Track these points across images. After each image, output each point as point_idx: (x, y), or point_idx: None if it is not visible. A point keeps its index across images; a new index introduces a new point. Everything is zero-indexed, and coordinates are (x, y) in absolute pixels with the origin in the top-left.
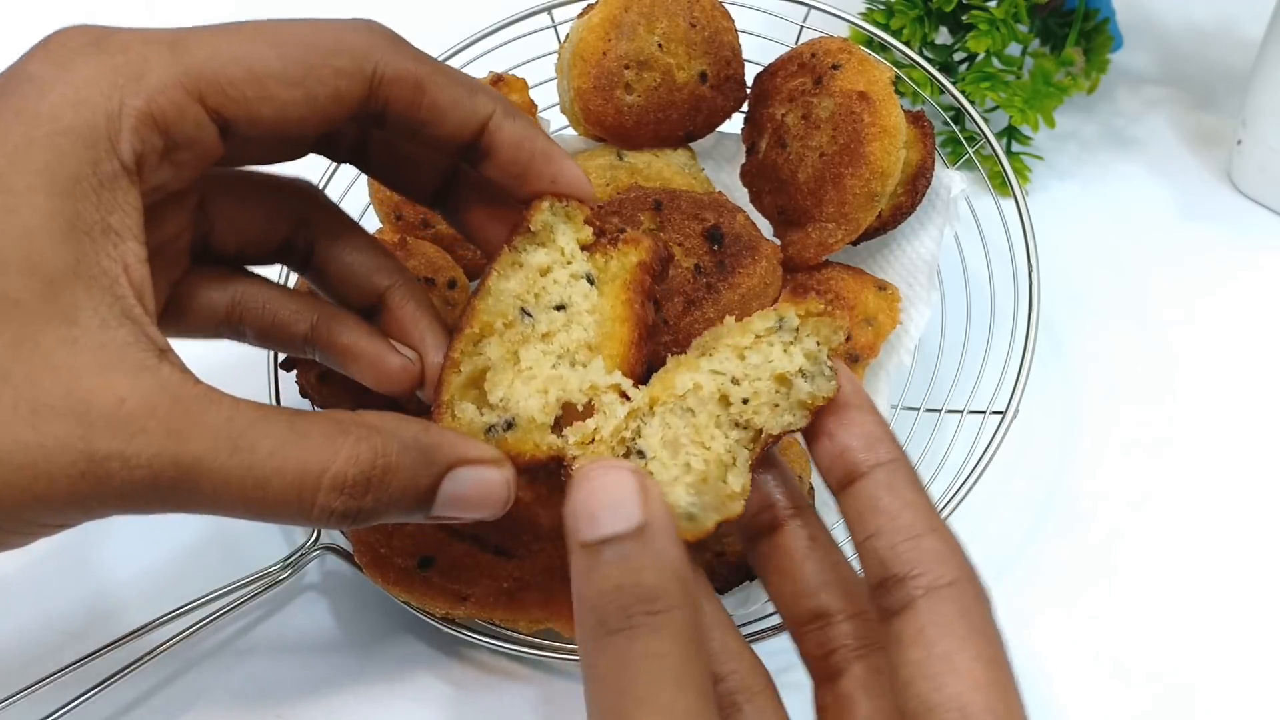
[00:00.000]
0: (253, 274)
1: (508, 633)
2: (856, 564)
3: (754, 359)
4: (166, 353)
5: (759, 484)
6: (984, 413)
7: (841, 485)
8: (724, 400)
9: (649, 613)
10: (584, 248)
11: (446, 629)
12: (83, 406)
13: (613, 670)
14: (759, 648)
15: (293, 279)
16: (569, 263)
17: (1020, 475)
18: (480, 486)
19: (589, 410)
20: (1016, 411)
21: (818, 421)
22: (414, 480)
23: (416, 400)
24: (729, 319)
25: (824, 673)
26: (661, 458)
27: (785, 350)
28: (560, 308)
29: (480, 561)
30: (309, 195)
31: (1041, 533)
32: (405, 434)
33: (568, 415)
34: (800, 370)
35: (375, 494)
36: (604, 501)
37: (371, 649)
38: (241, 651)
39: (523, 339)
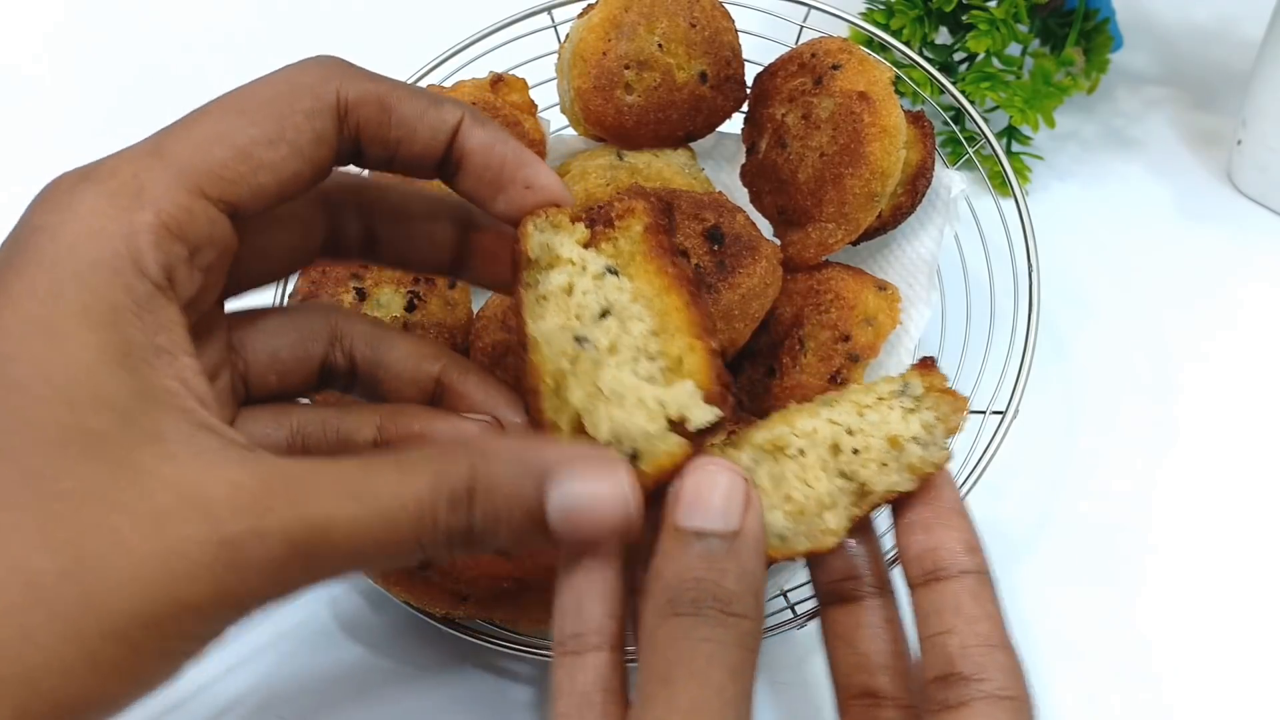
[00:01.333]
0: (304, 401)
1: (508, 633)
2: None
3: (872, 417)
4: (256, 446)
5: (851, 553)
6: (984, 413)
7: (923, 580)
8: (835, 449)
9: (722, 611)
10: (586, 246)
11: (446, 629)
12: (203, 502)
13: (671, 643)
14: None
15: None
16: (584, 269)
17: (1020, 475)
18: (591, 489)
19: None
20: (1016, 411)
21: (915, 513)
22: (517, 488)
23: None
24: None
25: None
26: (765, 487)
27: (904, 416)
28: (605, 314)
29: (480, 561)
30: (332, 311)
31: (1042, 533)
32: (501, 445)
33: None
34: (914, 437)
35: (482, 505)
36: (710, 497)
37: (372, 649)
38: (241, 652)
39: (594, 364)
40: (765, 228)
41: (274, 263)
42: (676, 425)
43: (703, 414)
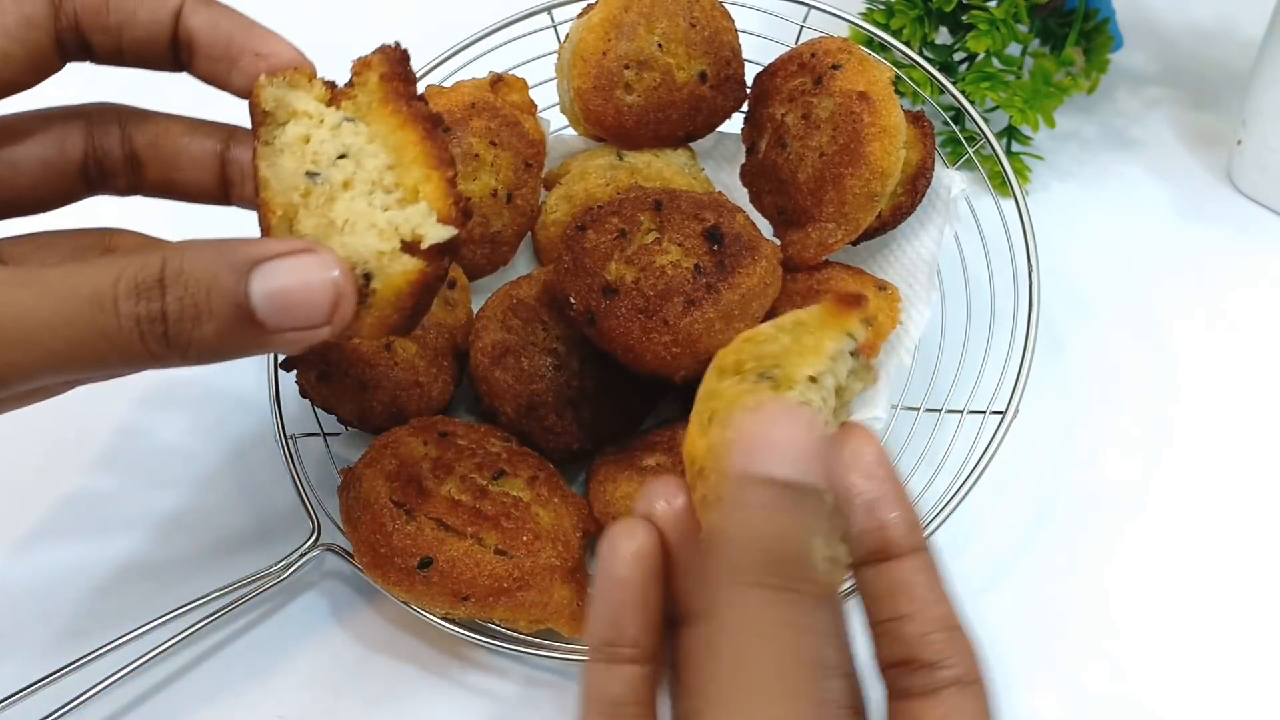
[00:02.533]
0: None
1: (508, 633)
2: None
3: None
4: None
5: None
6: (984, 413)
7: (870, 559)
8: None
9: (808, 579)
10: (327, 104)
11: (446, 629)
12: None
13: (744, 626)
14: None
15: None
16: (321, 121)
17: (1020, 475)
18: (299, 275)
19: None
20: (1016, 411)
21: (856, 489)
22: (214, 278)
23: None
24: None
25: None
26: None
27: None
28: (342, 156)
29: (480, 561)
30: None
31: (1041, 533)
32: (198, 242)
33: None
34: (851, 371)
35: (175, 293)
36: (788, 441)
37: (371, 649)
38: (241, 651)
39: (328, 199)
40: (765, 228)
41: (28, 177)
42: (411, 247)
43: (437, 231)
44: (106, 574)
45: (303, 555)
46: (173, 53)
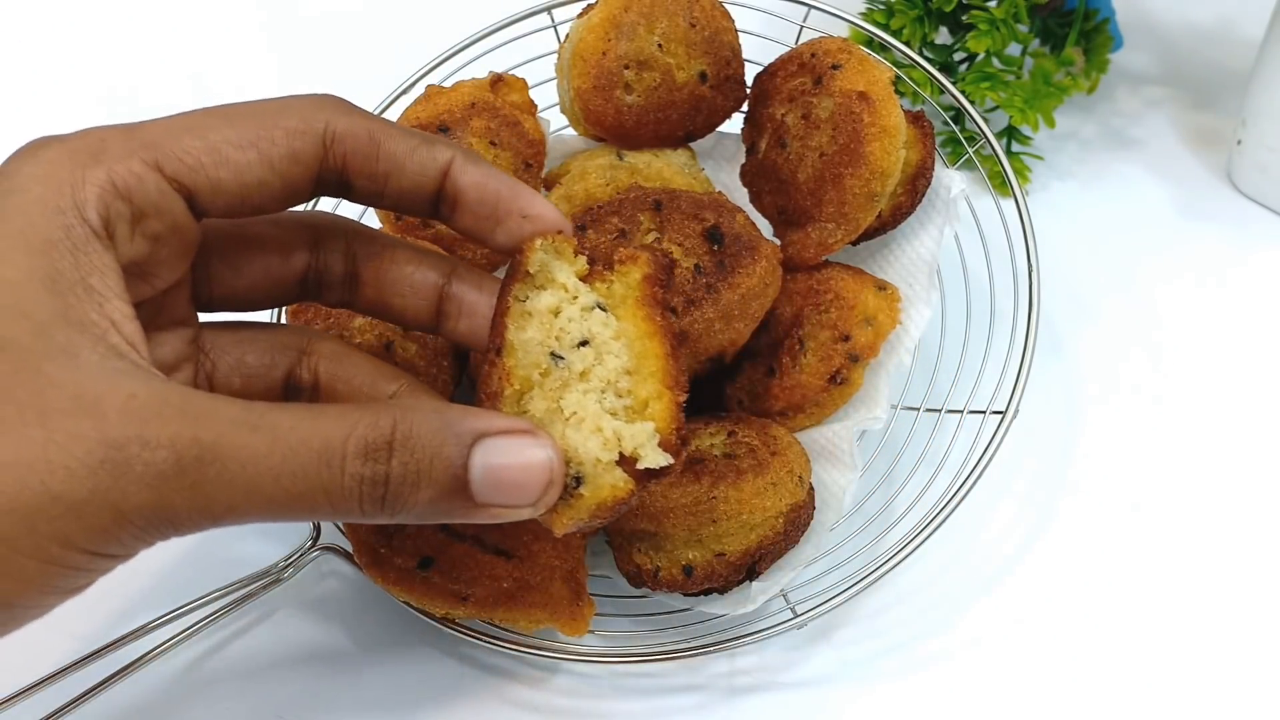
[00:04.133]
0: None
1: (508, 633)
2: None
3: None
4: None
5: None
6: (984, 413)
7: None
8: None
9: None
10: (582, 279)
11: (446, 629)
12: (94, 405)
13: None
14: (744, 655)
15: None
16: (575, 297)
17: (1020, 475)
18: (519, 456)
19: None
20: (1016, 411)
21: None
22: (440, 446)
23: None
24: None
25: None
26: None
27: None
28: (584, 343)
29: (480, 561)
30: (305, 331)
31: (1042, 533)
32: (424, 404)
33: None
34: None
35: (401, 458)
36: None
37: (371, 649)
38: (241, 651)
39: (563, 384)
40: (765, 228)
41: (252, 280)
42: (626, 462)
43: (655, 457)
44: (106, 574)
45: (303, 555)
46: (432, 203)
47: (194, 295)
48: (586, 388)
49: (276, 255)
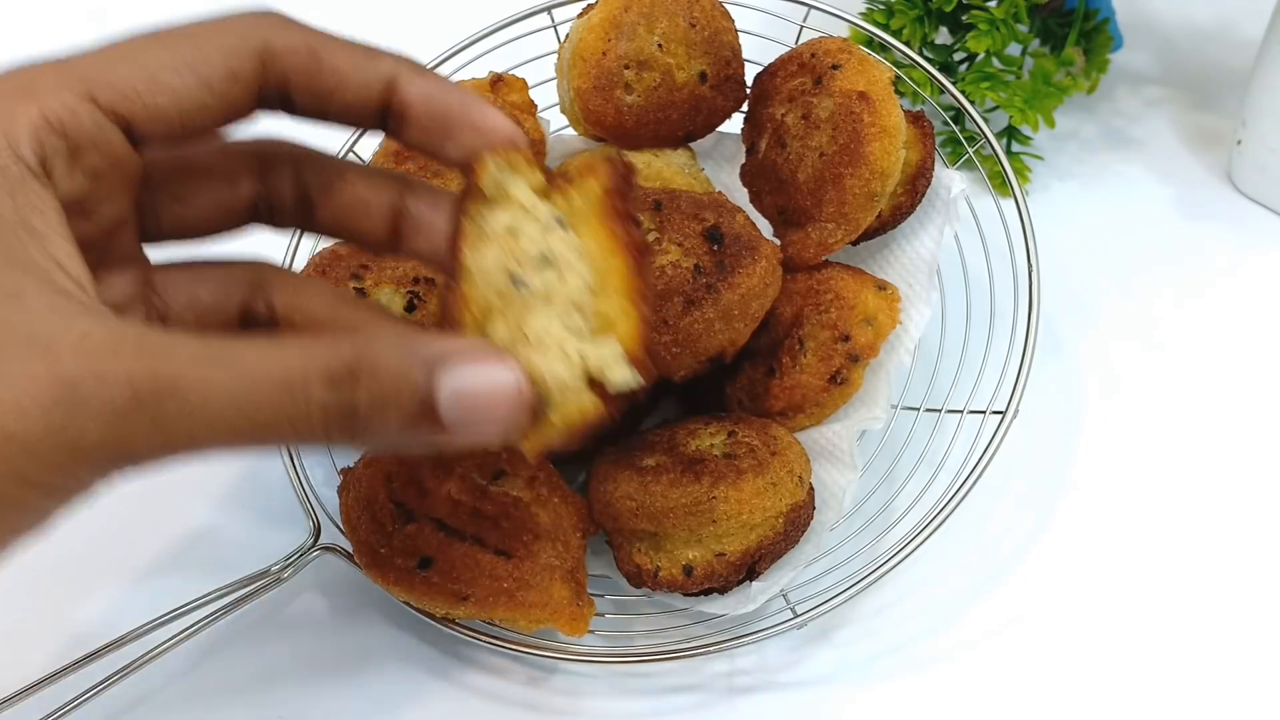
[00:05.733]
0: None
1: (508, 633)
2: None
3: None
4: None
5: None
6: (984, 413)
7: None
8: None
9: None
10: (540, 194)
11: (446, 629)
12: (45, 344)
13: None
14: (744, 655)
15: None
16: (533, 215)
17: (1020, 475)
18: (486, 379)
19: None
20: (1016, 411)
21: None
22: (405, 372)
23: None
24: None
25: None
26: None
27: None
28: (545, 262)
29: (480, 561)
30: (260, 264)
31: (1042, 533)
32: (387, 331)
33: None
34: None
35: (366, 386)
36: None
37: (371, 649)
38: (242, 652)
39: (524, 306)
40: (765, 228)
41: (200, 210)
42: (594, 383)
43: (623, 376)
44: (106, 574)
45: (303, 555)
46: (379, 117)
47: (141, 232)
48: (549, 309)
49: (223, 183)
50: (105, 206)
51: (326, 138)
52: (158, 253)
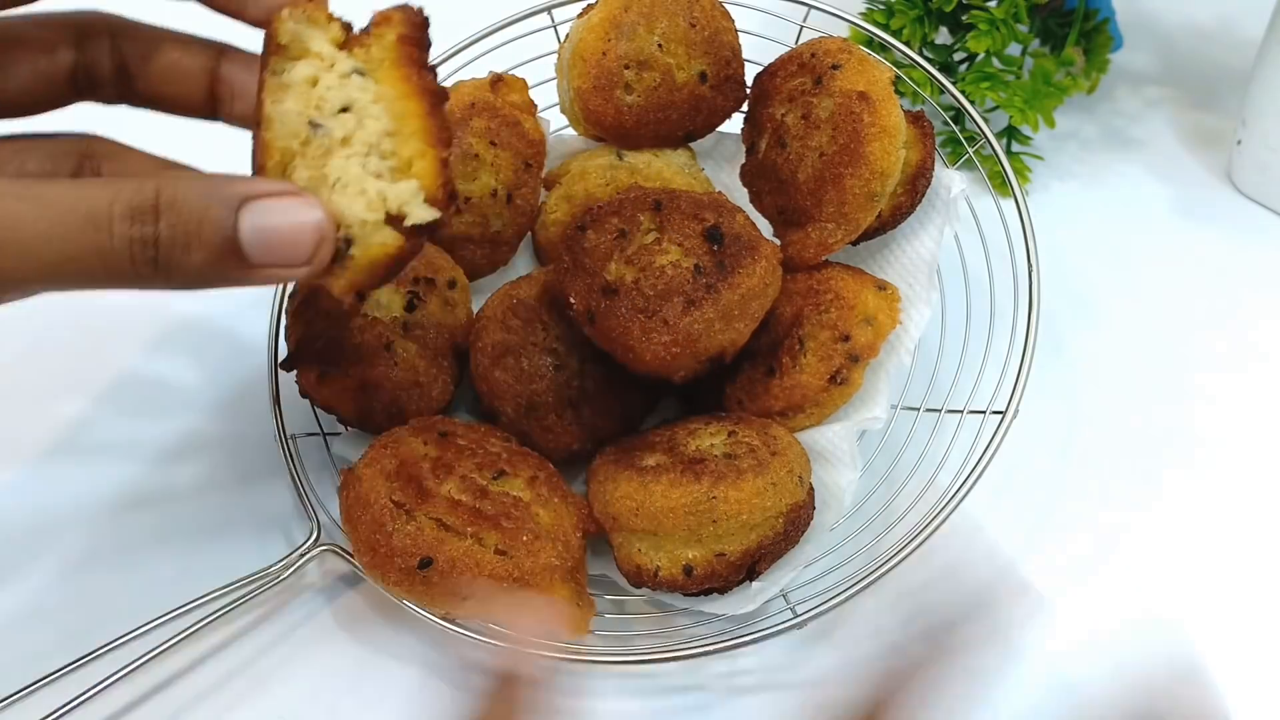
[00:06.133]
0: None
1: (508, 633)
2: None
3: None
4: None
5: None
6: (984, 413)
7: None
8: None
9: None
10: (340, 46)
11: (447, 629)
12: None
13: None
14: (744, 656)
15: None
16: (332, 65)
17: (1020, 475)
18: (287, 216)
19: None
20: (1016, 411)
21: None
22: (206, 209)
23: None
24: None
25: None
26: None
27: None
28: (345, 109)
29: (480, 561)
30: (85, 136)
31: (1042, 533)
32: (191, 173)
33: None
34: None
35: (168, 220)
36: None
37: (371, 649)
38: (241, 651)
39: (325, 151)
40: (765, 228)
41: (21, 83)
42: (395, 221)
43: (422, 212)
44: (106, 574)
45: (303, 555)
46: None
47: None
48: (349, 153)
49: (42, 54)
50: None
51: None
52: None
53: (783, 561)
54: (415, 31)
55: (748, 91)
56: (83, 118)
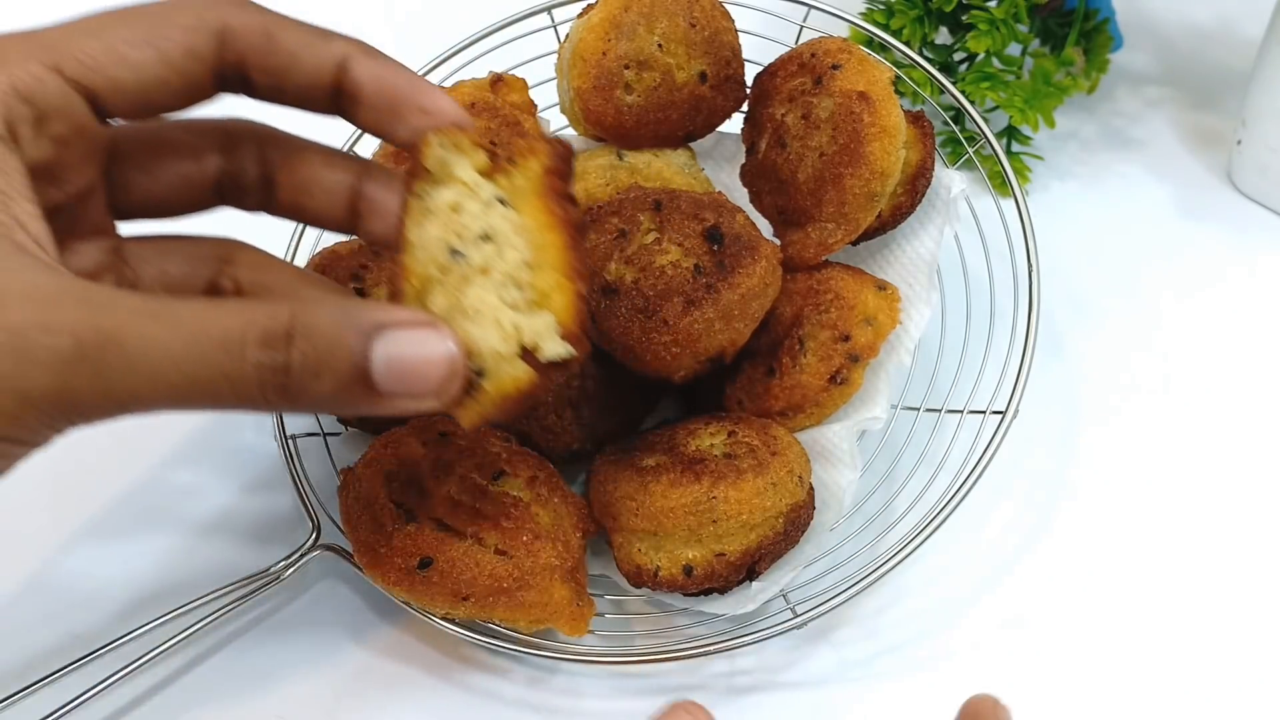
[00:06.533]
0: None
1: (508, 633)
2: None
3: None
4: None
5: None
6: (984, 413)
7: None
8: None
9: None
10: (484, 173)
11: (446, 629)
12: None
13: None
14: (744, 656)
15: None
16: (475, 193)
17: (1020, 475)
18: (419, 347)
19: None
20: (1016, 411)
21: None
22: (339, 337)
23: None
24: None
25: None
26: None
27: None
28: (486, 238)
29: (480, 561)
30: (225, 241)
31: (1042, 533)
32: (327, 299)
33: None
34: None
35: (300, 347)
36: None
37: (371, 649)
38: (241, 652)
39: (463, 279)
40: (765, 228)
41: (167, 185)
42: (528, 354)
43: (555, 347)
44: (106, 574)
45: (303, 555)
46: (333, 99)
47: (111, 204)
48: (486, 282)
49: (190, 159)
50: (72, 174)
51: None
52: (132, 229)
53: (783, 561)
54: (560, 164)
55: (748, 91)
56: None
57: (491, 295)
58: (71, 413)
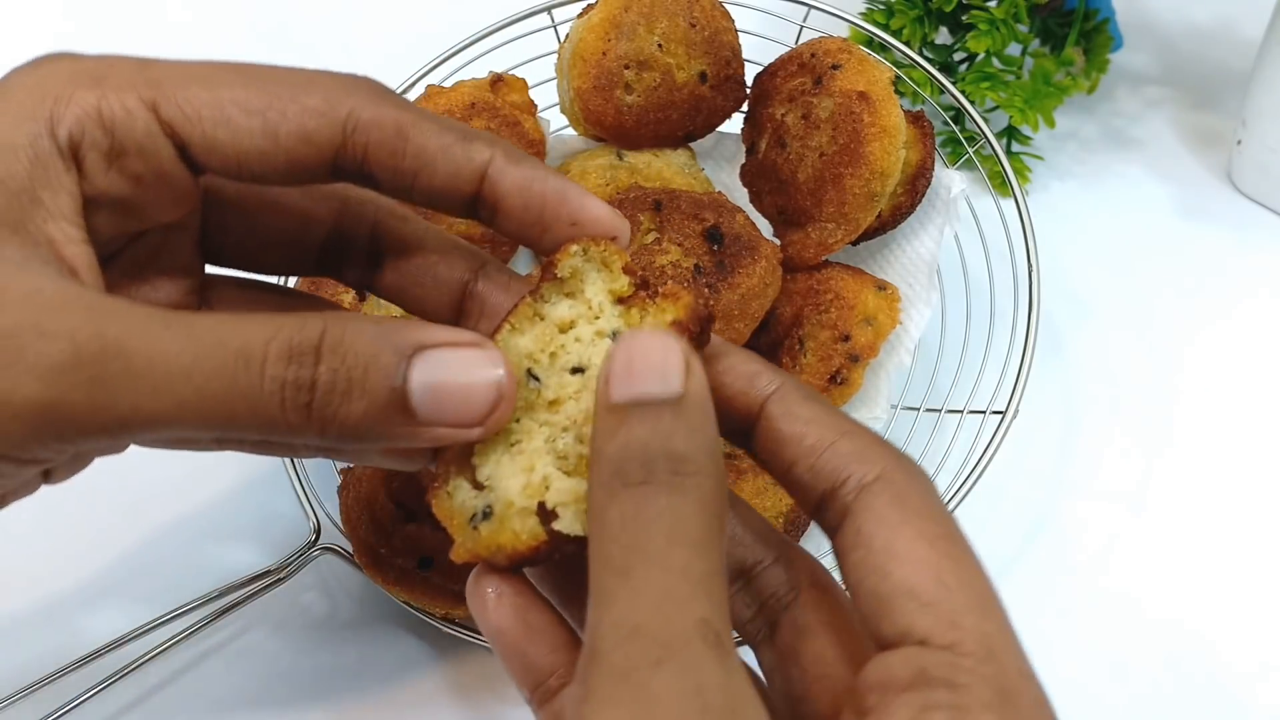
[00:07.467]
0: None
1: None
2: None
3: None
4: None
5: None
6: (984, 413)
7: (744, 431)
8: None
9: (674, 472)
10: (619, 300)
11: (446, 629)
12: None
13: (623, 524)
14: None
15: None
16: (596, 317)
17: (1020, 475)
18: (463, 370)
19: None
20: (1016, 411)
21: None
22: (375, 355)
23: None
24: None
25: (757, 634)
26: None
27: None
28: (578, 370)
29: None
30: (327, 312)
31: (1041, 533)
32: (363, 316)
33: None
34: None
35: (329, 364)
36: (646, 363)
37: (371, 649)
38: (241, 651)
39: (527, 405)
40: (765, 228)
41: (267, 241)
42: (545, 515)
43: (572, 524)
44: (106, 574)
45: (303, 555)
46: (469, 206)
47: (204, 246)
48: (547, 419)
49: (296, 220)
50: (153, 212)
51: None
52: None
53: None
54: (694, 324)
55: (748, 91)
56: None
57: (540, 439)
58: (64, 427)
